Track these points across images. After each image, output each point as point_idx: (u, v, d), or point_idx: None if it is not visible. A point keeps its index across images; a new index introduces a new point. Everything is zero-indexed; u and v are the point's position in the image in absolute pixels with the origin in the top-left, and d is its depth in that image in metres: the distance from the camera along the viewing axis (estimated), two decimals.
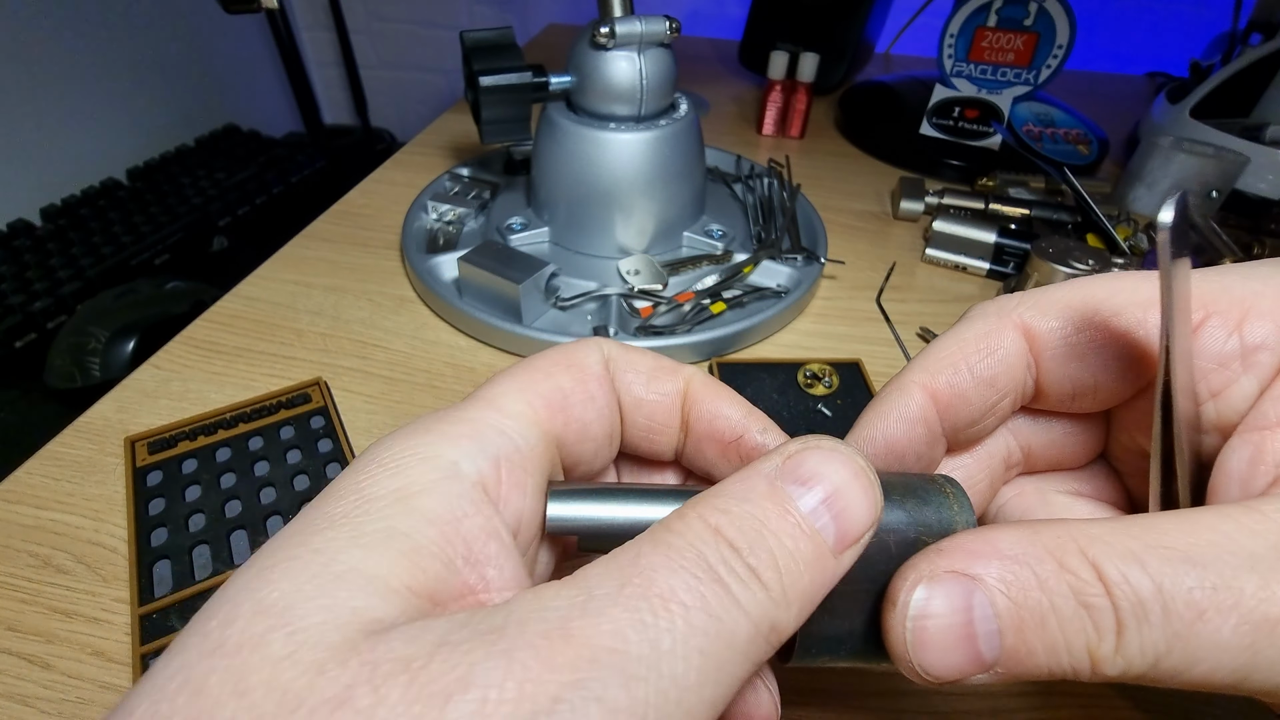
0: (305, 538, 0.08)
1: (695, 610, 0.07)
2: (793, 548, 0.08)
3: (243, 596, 0.08)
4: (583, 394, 0.11)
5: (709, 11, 0.83)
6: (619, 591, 0.08)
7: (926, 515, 0.10)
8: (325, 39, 1.07)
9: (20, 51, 0.69)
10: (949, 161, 0.42)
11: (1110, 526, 0.09)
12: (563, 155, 0.29)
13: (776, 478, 0.09)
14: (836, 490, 0.09)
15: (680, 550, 0.08)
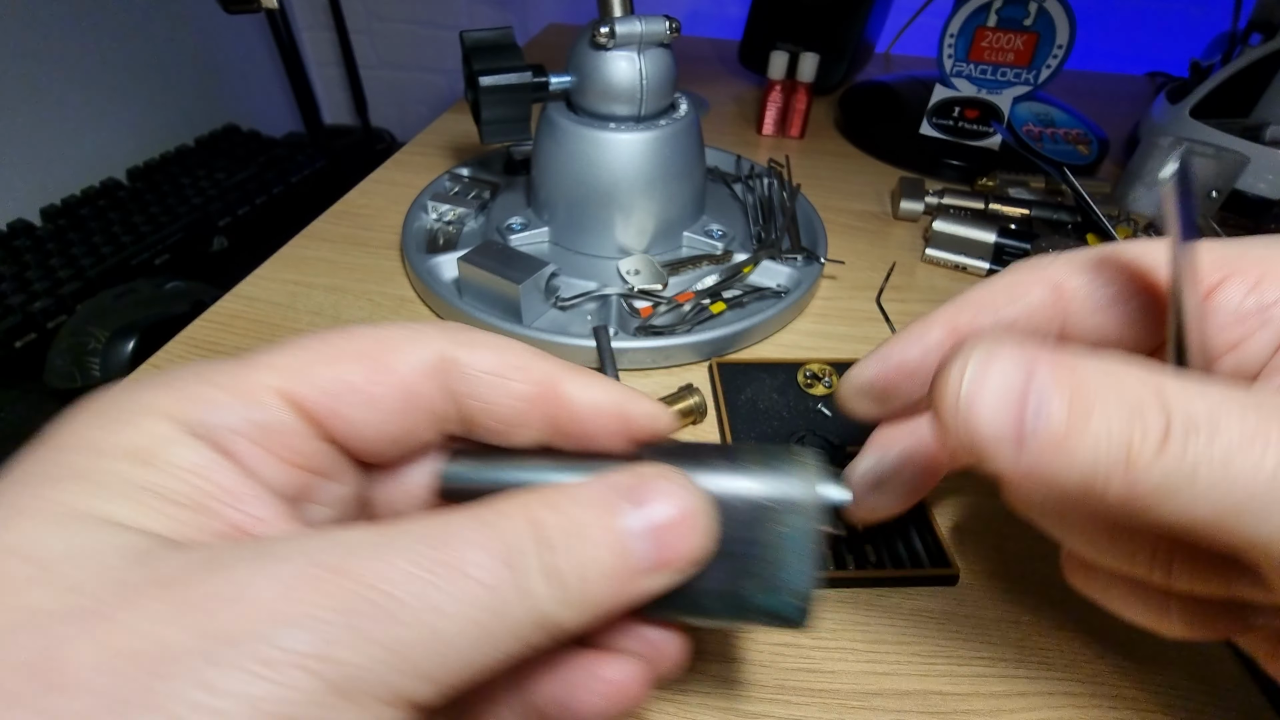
0: (40, 489, 0.08)
1: (480, 586, 0.08)
2: (602, 561, 0.09)
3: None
4: (365, 396, 0.10)
5: (709, 11, 0.83)
6: (413, 546, 0.08)
7: (772, 477, 0.11)
8: (325, 39, 1.07)
9: (20, 52, 0.69)
10: (949, 161, 0.42)
11: (1170, 375, 0.09)
12: (563, 155, 0.29)
13: (617, 493, 0.09)
14: (668, 522, 0.09)
15: (491, 530, 0.08)
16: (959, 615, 0.19)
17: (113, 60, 0.80)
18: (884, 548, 0.20)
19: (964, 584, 0.19)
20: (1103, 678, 0.17)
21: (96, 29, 0.77)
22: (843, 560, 0.19)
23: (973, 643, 0.18)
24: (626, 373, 0.26)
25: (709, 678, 0.17)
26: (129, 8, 0.81)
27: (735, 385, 0.25)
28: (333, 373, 0.10)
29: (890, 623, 0.18)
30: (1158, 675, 0.17)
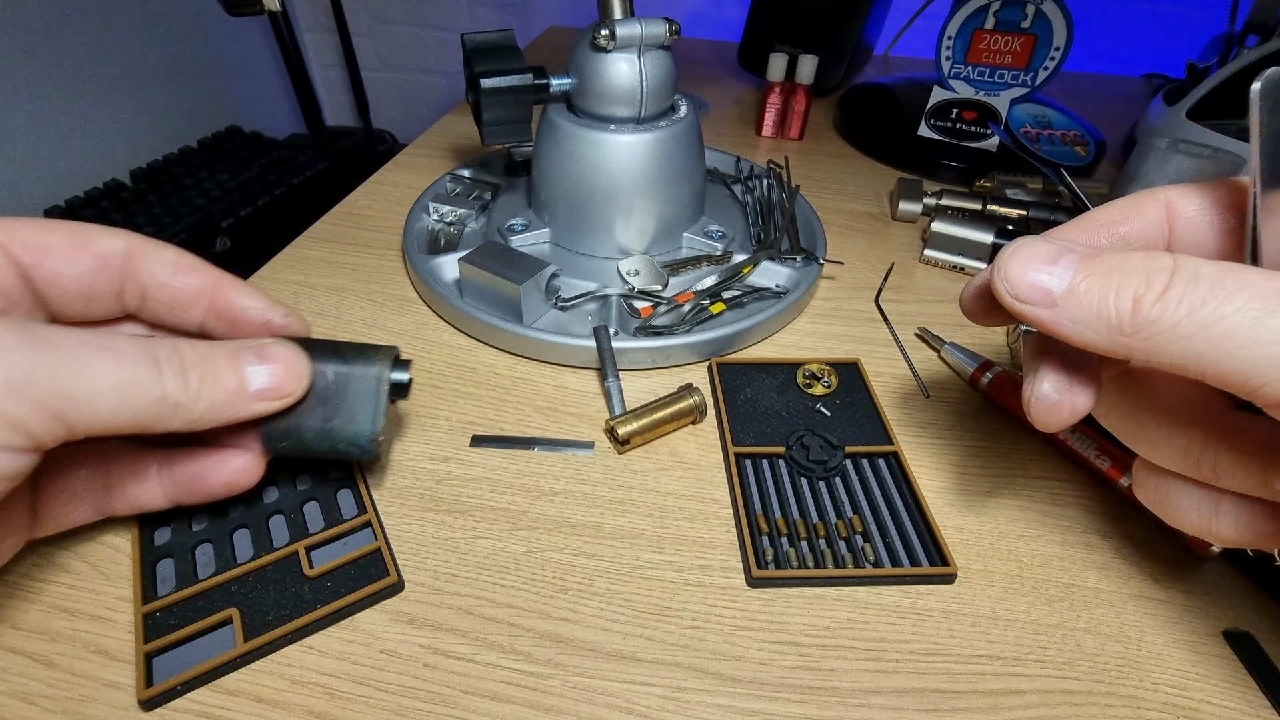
0: None
1: (129, 366, 0.13)
2: (223, 376, 0.15)
3: None
4: (65, 256, 0.15)
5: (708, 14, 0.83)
6: (87, 338, 0.13)
7: (360, 362, 0.17)
8: (327, 41, 1.08)
9: (24, 53, 0.70)
10: (947, 163, 0.42)
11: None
12: (563, 157, 0.29)
13: (247, 348, 0.16)
14: (275, 367, 0.16)
15: (147, 345, 0.14)
16: (957, 614, 0.19)
17: (116, 62, 0.80)
18: (882, 546, 0.20)
19: (962, 583, 0.20)
20: (1100, 675, 0.17)
21: (100, 31, 0.78)
22: (841, 559, 0.20)
23: (971, 641, 0.18)
24: (627, 372, 0.26)
25: (708, 675, 0.17)
26: (132, 10, 0.81)
27: (735, 385, 0.25)
28: (40, 236, 0.15)
29: (889, 621, 0.18)
30: (1156, 673, 0.17)
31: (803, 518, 0.21)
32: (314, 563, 0.18)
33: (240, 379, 0.15)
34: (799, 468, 0.22)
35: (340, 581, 0.18)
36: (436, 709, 0.16)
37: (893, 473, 0.22)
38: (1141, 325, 0.11)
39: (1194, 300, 0.10)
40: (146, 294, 0.16)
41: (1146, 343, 0.11)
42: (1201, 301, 0.10)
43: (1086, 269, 0.11)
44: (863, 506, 0.21)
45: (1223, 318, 0.10)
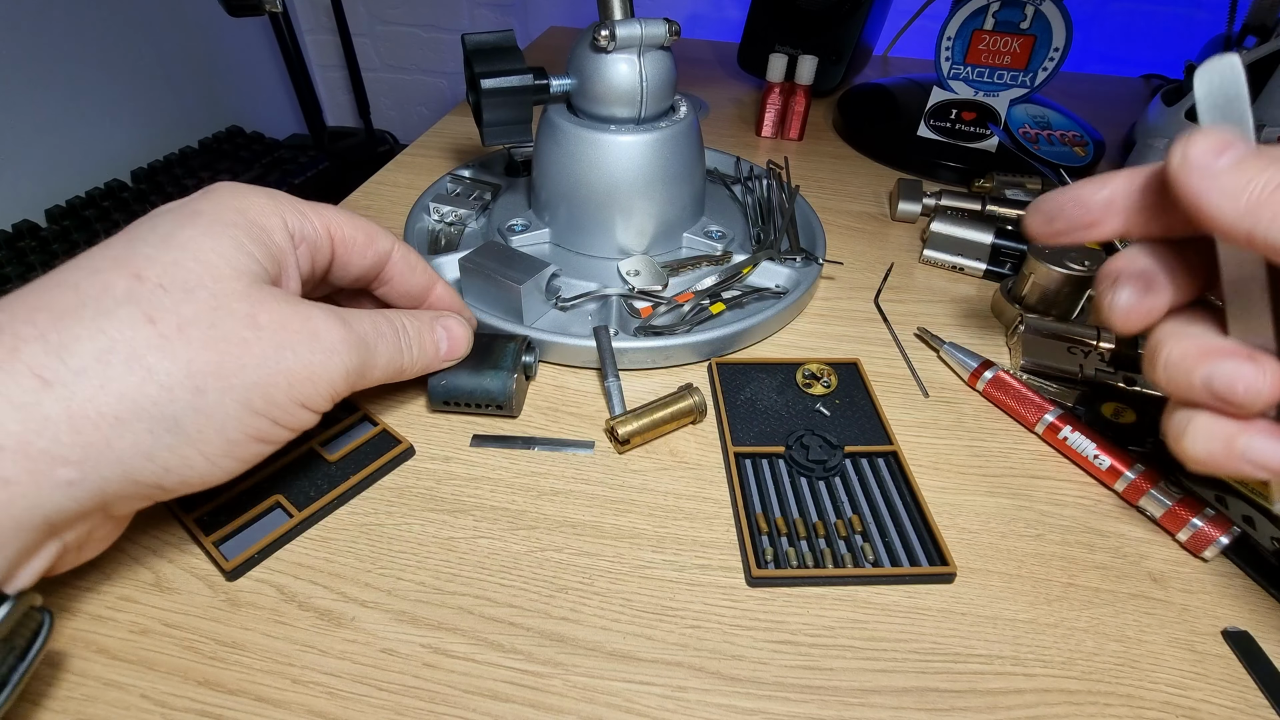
0: (223, 229, 0.16)
1: (391, 345, 0.20)
2: (428, 346, 0.21)
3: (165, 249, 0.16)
4: (360, 250, 0.20)
5: (708, 14, 0.84)
6: (371, 323, 0.19)
7: (502, 338, 0.24)
8: (328, 42, 1.08)
9: (25, 53, 0.70)
10: (946, 163, 0.42)
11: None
12: (563, 157, 0.29)
13: (437, 320, 0.22)
14: (453, 338, 0.22)
15: (394, 327, 0.20)
16: (956, 613, 0.19)
17: (117, 62, 0.80)
18: (882, 546, 0.20)
19: (961, 582, 0.20)
20: (1100, 674, 0.17)
21: (101, 31, 0.78)
22: (840, 558, 0.20)
23: (970, 640, 0.18)
24: (627, 372, 0.26)
25: (708, 675, 0.17)
26: (133, 11, 0.81)
27: (735, 385, 0.25)
28: (352, 232, 0.20)
29: (888, 620, 0.18)
30: (1155, 672, 0.18)
31: (802, 517, 0.21)
32: (331, 452, 0.22)
33: (436, 347, 0.21)
34: (799, 467, 0.22)
35: (359, 460, 0.22)
36: (437, 708, 0.16)
37: (892, 472, 0.22)
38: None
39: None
40: (391, 283, 0.22)
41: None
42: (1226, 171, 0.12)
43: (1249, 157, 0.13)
44: (862, 506, 0.21)
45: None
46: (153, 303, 0.14)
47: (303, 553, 0.19)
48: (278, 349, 0.16)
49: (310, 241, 0.19)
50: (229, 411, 0.15)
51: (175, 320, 0.15)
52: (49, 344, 0.13)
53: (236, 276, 0.16)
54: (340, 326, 0.17)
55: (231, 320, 0.15)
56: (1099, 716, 0.17)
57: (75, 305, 0.14)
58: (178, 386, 0.14)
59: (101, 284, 0.14)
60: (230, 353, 0.15)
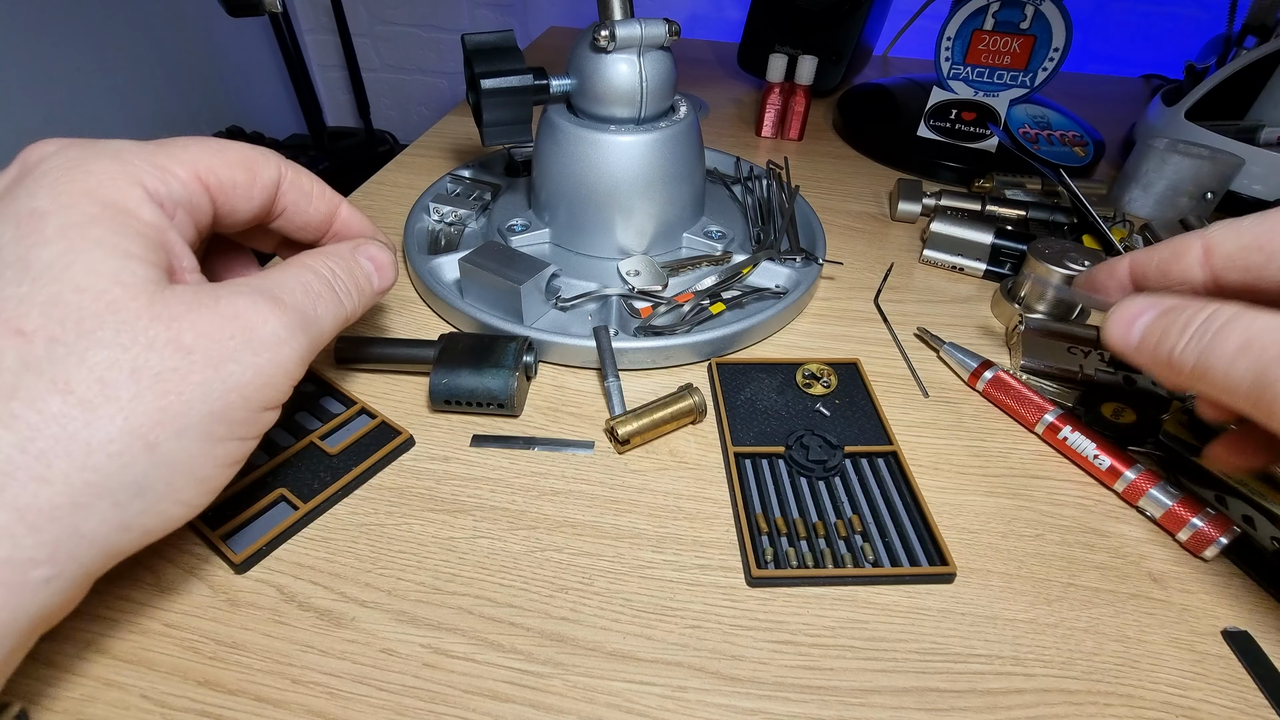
0: (84, 229, 0.13)
1: (333, 303, 0.17)
2: (362, 286, 0.19)
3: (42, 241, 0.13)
4: (244, 192, 0.17)
5: (708, 15, 0.84)
6: (311, 291, 0.17)
7: (503, 339, 0.24)
8: (328, 42, 1.08)
9: (25, 54, 0.70)
10: (946, 163, 0.42)
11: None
12: (563, 157, 0.29)
13: (358, 252, 0.19)
14: (380, 266, 0.19)
15: (329, 283, 0.17)
16: (956, 613, 0.19)
17: (117, 63, 0.80)
18: (882, 546, 0.20)
19: (961, 582, 0.20)
20: (1099, 674, 0.17)
21: (101, 31, 0.78)
22: (840, 558, 0.20)
23: (970, 640, 0.18)
24: (627, 372, 0.26)
25: (708, 675, 0.17)
26: (134, 10, 0.81)
27: (734, 385, 0.25)
28: (229, 173, 0.16)
29: (888, 620, 0.18)
30: (1155, 672, 0.18)
31: (802, 517, 0.21)
32: (332, 445, 0.22)
33: (370, 282, 0.19)
34: (799, 467, 0.22)
35: (360, 452, 0.22)
36: (436, 708, 0.16)
37: (892, 472, 0.22)
38: (1176, 360, 0.15)
39: (1198, 350, 0.15)
40: (286, 215, 0.19)
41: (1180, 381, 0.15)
42: (1199, 353, 0.15)
43: (1151, 325, 0.16)
44: (862, 506, 0.21)
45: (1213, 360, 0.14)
46: (54, 364, 0.12)
47: (303, 553, 0.19)
48: (218, 367, 0.14)
49: (183, 202, 0.15)
50: (192, 453, 0.13)
51: (88, 376, 0.12)
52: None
53: (132, 295, 0.13)
54: (273, 310, 0.15)
55: (152, 354, 0.13)
56: (1099, 716, 0.16)
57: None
58: (126, 450, 0.12)
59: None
60: (169, 392, 0.13)
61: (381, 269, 0.19)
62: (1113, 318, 0.18)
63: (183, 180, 0.15)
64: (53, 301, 0.12)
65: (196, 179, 0.15)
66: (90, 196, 0.13)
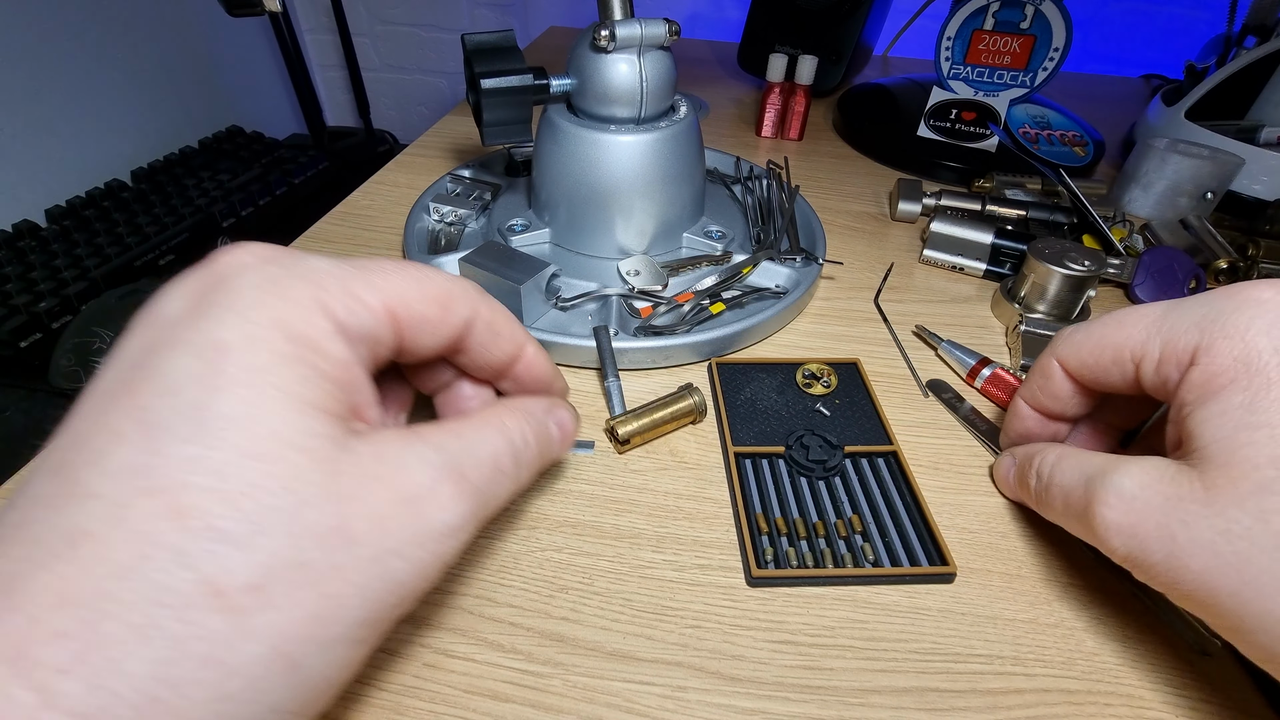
0: (264, 375, 0.11)
1: (511, 476, 0.15)
2: (545, 452, 0.16)
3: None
4: (432, 329, 0.14)
5: (708, 14, 0.84)
6: (498, 436, 0.15)
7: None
8: (328, 41, 1.08)
9: (25, 54, 0.70)
10: (946, 163, 0.42)
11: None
12: (563, 157, 0.29)
13: (550, 416, 0.17)
14: (565, 433, 0.17)
15: (508, 439, 0.15)
16: (956, 613, 0.19)
17: (117, 62, 0.80)
18: (882, 546, 0.20)
19: (961, 582, 0.20)
20: (1099, 675, 0.17)
21: (100, 31, 0.78)
22: (840, 558, 0.20)
23: (970, 640, 0.18)
24: (627, 372, 0.26)
25: (707, 675, 0.17)
26: (133, 10, 0.81)
27: (735, 385, 0.25)
28: (422, 308, 0.14)
29: (888, 620, 0.18)
30: (1154, 673, 0.18)
31: (802, 517, 0.21)
32: None
33: (552, 452, 0.17)
34: (799, 467, 0.22)
35: None
36: (437, 708, 0.16)
37: (892, 472, 0.22)
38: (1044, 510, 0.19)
39: (1039, 491, 0.19)
40: (468, 354, 0.16)
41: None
42: (1040, 495, 0.19)
43: (1015, 477, 0.21)
44: (862, 506, 0.21)
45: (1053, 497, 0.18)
46: (212, 558, 0.10)
47: None
48: (380, 561, 0.11)
49: (369, 336, 0.13)
50: (332, 667, 0.11)
51: (245, 578, 0.10)
52: (88, 669, 0.09)
53: (311, 463, 0.11)
54: (455, 493, 0.12)
55: (318, 547, 0.10)
56: (1099, 716, 0.17)
57: (104, 588, 0.09)
58: (268, 673, 0.10)
59: (132, 534, 0.09)
60: (326, 596, 0.10)
61: (565, 438, 0.17)
62: (995, 474, 0.22)
63: (374, 311, 0.13)
64: (221, 472, 0.10)
65: (387, 311, 0.13)
66: (280, 329, 0.11)
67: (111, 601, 0.09)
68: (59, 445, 0.11)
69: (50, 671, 0.09)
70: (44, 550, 0.09)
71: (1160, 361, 0.16)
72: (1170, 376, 0.16)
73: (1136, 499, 0.15)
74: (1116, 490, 0.15)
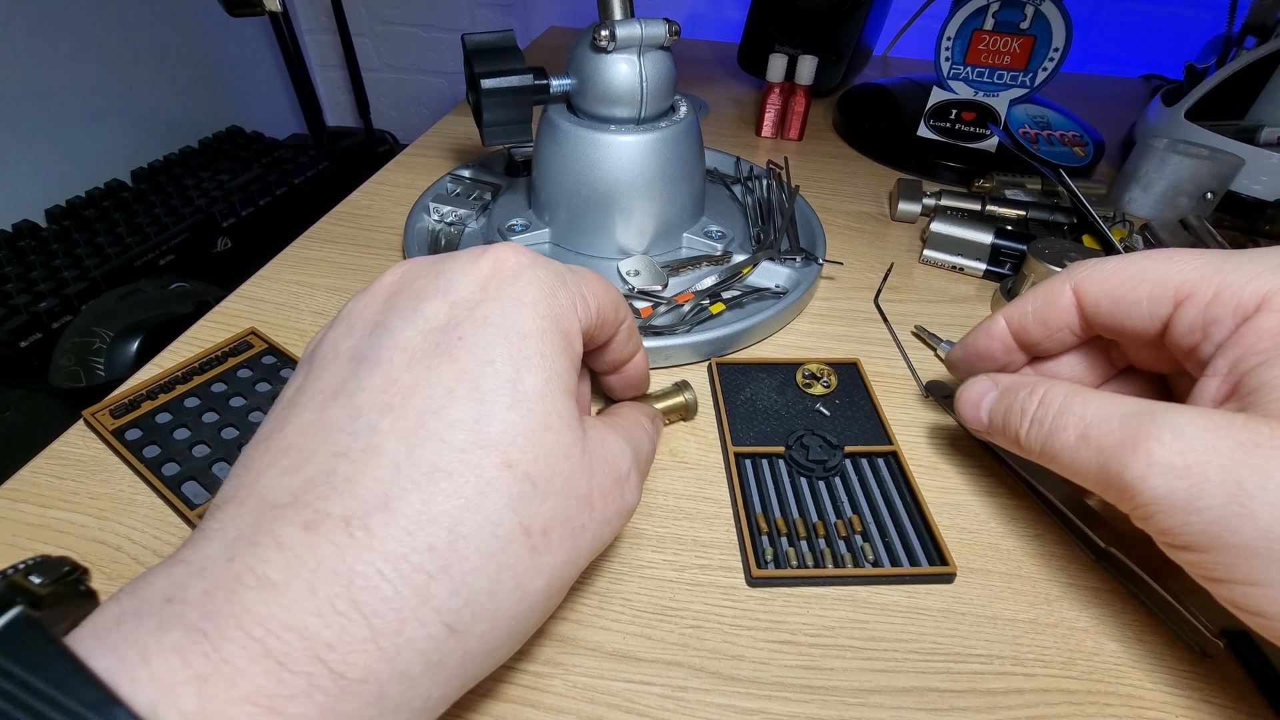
0: (544, 376, 0.13)
1: (648, 458, 0.17)
2: (654, 447, 0.18)
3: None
4: (607, 331, 0.17)
5: (708, 14, 0.84)
6: (639, 428, 0.17)
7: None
8: (328, 41, 1.08)
9: (25, 53, 0.70)
10: (946, 163, 0.42)
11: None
12: (563, 157, 0.29)
13: (655, 421, 0.19)
14: (654, 443, 0.18)
15: (648, 431, 0.18)
16: (956, 613, 0.19)
17: (116, 62, 0.80)
18: (882, 546, 0.20)
19: (961, 582, 0.20)
20: (1099, 675, 0.17)
21: (101, 31, 0.78)
22: (840, 558, 0.20)
23: (970, 640, 0.18)
24: None
25: (707, 674, 0.17)
26: (133, 10, 0.81)
27: (734, 384, 0.25)
28: (609, 313, 0.16)
29: (888, 620, 0.18)
30: (1155, 673, 0.18)
31: (802, 517, 0.21)
32: None
33: (656, 430, 0.19)
34: (799, 467, 0.22)
35: None
36: None
37: (892, 472, 0.22)
38: (1022, 443, 0.17)
39: (1040, 438, 0.16)
40: (609, 347, 0.18)
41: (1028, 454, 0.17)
42: (1043, 441, 0.16)
43: (995, 407, 0.18)
44: (862, 506, 0.21)
45: (1056, 443, 0.16)
46: (523, 502, 0.12)
47: None
48: (604, 526, 0.14)
49: (587, 333, 0.15)
50: (552, 608, 0.13)
51: (542, 523, 0.12)
52: (451, 582, 0.11)
53: (574, 440, 0.13)
54: (639, 484, 0.15)
55: (578, 508, 0.13)
56: (1099, 716, 0.17)
57: (457, 516, 0.11)
58: (542, 604, 0.12)
59: (475, 477, 0.11)
60: (577, 547, 0.13)
61: (654, 447, 0.18)
62: (961, 398, 0.19)
63: (591, 313, 0.15)
64: (530, 437, 0.12)
65: (598, 313, 0.15)
66: (555, 324, 0.14)
67: (463, 527, 0.11)
68: (370, 385, 0.12)
69: (425, 577, 0.10)
70: (406, 478, 0.11)
71: (1211, 302, 0.15)
72: (1220, 319, 0.15)
73: (1199, 440, 0.13)
74: (1174, 429, 0.14)
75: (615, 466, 0.14)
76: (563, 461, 0.12)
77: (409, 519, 0.11)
